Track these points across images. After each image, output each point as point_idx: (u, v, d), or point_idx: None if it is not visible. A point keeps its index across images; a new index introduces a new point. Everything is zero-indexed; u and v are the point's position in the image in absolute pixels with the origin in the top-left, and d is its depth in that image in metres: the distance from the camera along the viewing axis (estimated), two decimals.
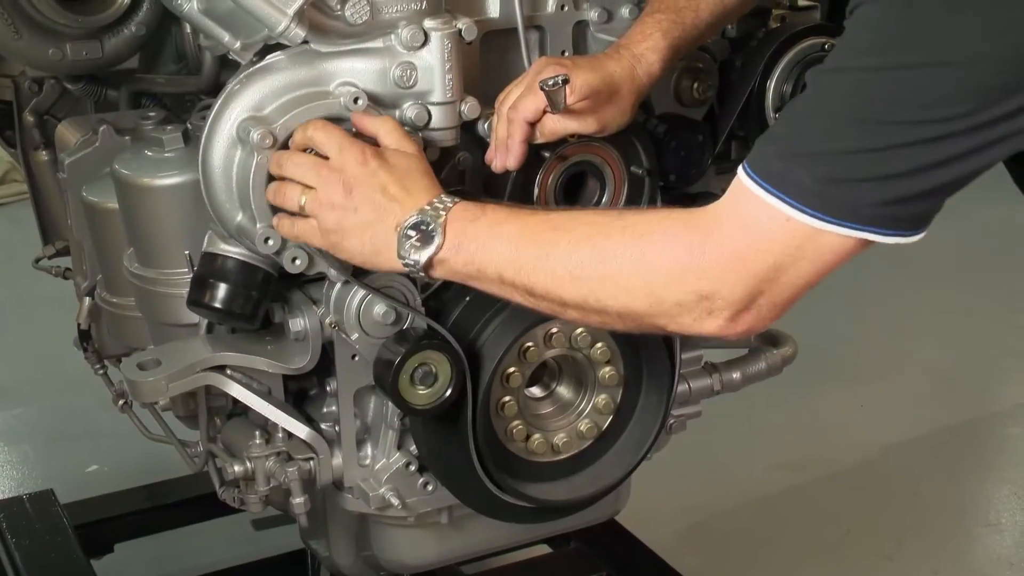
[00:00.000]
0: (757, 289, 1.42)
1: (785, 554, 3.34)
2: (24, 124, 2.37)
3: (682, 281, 1.44)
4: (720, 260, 1.41)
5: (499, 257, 1.58)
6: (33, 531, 2.62)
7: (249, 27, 1.70)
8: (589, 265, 1.51)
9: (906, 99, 1.30)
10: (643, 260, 1.47)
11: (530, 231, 1.57)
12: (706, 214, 1.45)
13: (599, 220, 1.56)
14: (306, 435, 1.92)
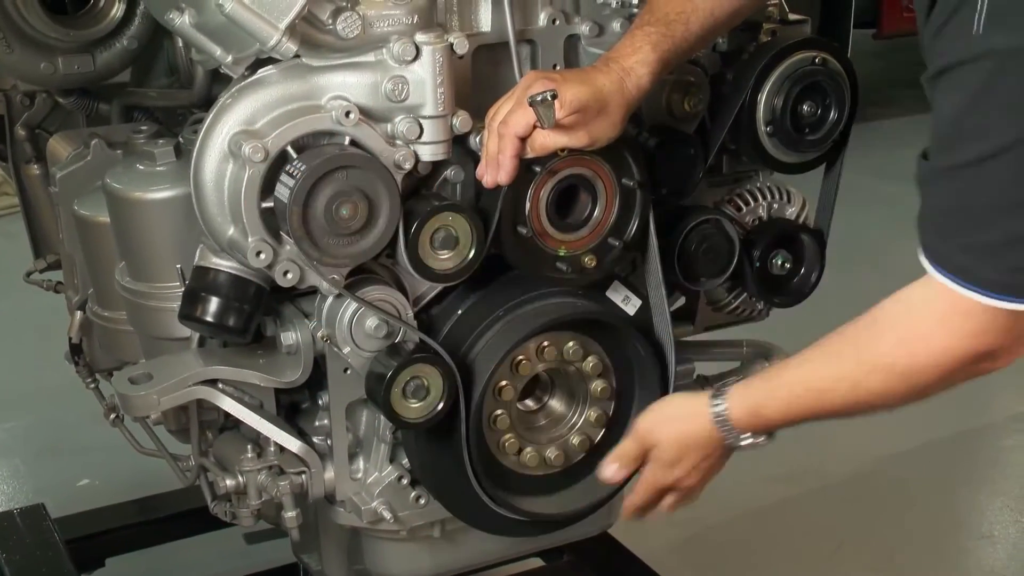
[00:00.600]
0: (1013, 338, 1.49)
1: (778, 566, 3.34)
2: (16, 138, 2.39)
3: (948, 371, 1.54)
4: (967, 341, 1.49)
5: (790, 423, 1.75)
6: (24, 545, 2.61)
7: (241, 41, 1.70)
8: (857, 394, 1.64)
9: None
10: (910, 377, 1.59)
11: (801, 404, 1.71)
12: (927, 317, 1.52)
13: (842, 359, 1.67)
14: (298, 449, 1.92)
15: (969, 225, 1.42)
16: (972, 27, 1.31)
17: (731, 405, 1.76)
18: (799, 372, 1.72)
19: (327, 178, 1.69)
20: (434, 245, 1.82)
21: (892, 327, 1.58)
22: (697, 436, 1.79)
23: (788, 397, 1.72)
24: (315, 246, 1.72)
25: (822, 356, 1.68)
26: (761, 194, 2.16)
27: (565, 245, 1.90)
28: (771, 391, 1.75)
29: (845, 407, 1.67)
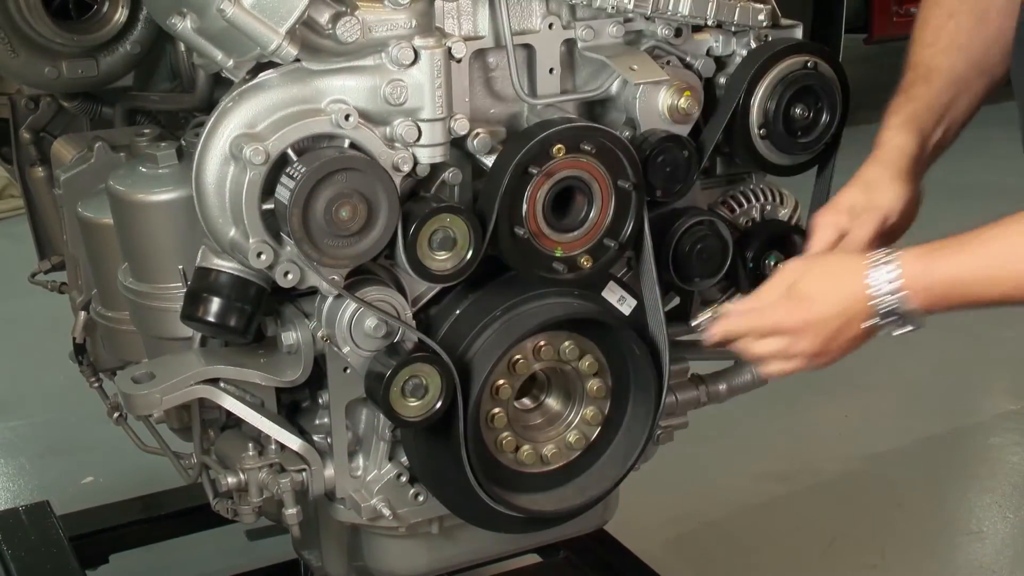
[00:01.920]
0: None
1: (771, 563, 3.35)
2: (21, 141, 2.39)
3: None
4: None
5: (969, 296, 1.64)
6: (29, 542, 2.62)
7: (242, 46, 1.71)
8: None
9: None
10: None
11: (979, 260, 1.62)
12: None
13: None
14: (298, 447, 1.94)
15: None
16: None
17: (902, 256, 1.65)
18: (987, 233, 1.62)
19: (327, 180, 1.71)
20: (432, 246, 1.84)
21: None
22: (851, 285, 1.68)
23: (970, 262, 1.62)
24: (315, 247, 1.74)
25: (1009, 231, 1.60)
26: (754, 196, 2.18)
27: (561, 246, 1.92)
28: (948, 252, 1.63)
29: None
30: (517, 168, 1.83)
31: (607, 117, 2.02)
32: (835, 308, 1.69)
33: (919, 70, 1.87)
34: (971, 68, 1.86)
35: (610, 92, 2.00)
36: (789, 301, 1.73)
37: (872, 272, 1.65)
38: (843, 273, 1.70)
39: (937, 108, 1.86)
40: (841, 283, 1.70)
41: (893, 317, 1.67)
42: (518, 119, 1.96)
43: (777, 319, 1.75)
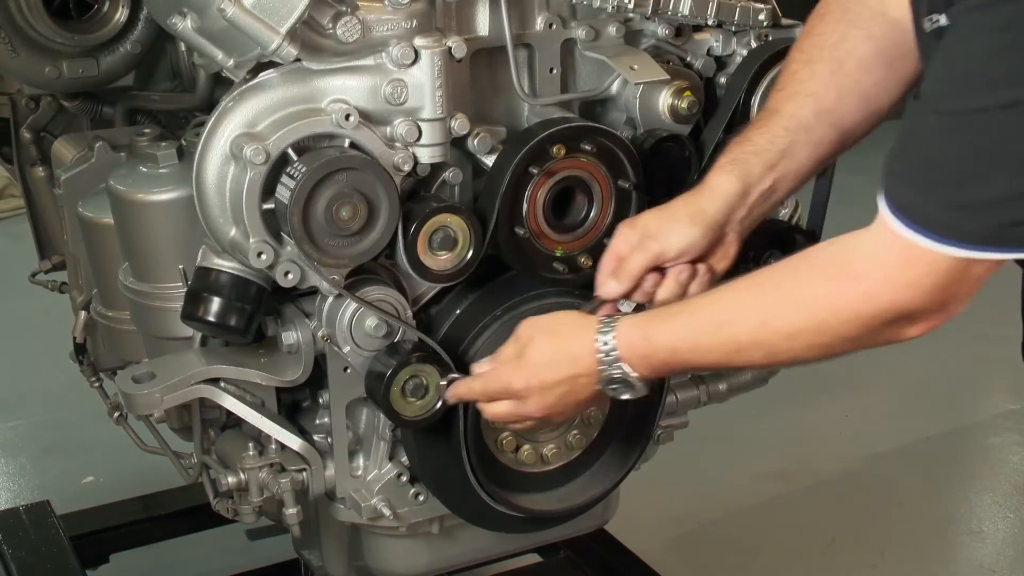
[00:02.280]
0: (939, 300, 1.42)
1: (771, 562, 3.35)
2: (21, 140, 2.39)
3: (867, 320, 1.46)
4: (896, 291, 1.42)
5: (691, 362, 1.64)
6: (29, 542, 2.62)
7: (242, 45, 1.71)
8: (769, 328, 1.53)
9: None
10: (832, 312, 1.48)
11: (704, 331, 1.60)
12: (863, 256, 1.45)
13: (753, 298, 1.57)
14: (299, 446, 1.94)
15: (965, 178, 1.32)
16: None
17: (620, 329, 1.65)
18: (705, 300, 1.63)
19: (327, 180, 1.71)
20: (433, 246, 1.84)
21: (821, 264, 1.50)
22: (574, 353, 1.69)
23: (687, 325, 1.61)
24: (315, 247, 1.74)
25: (735, 288, 1.59)
26: None
27: (562, 246, 1.92)
28: (669, 317, 1.63)
29: (744, 349, 1.56)
30: (517, 168, 1.84)
31: (607, 117, 2.03)
32: (559, 375, 1.70)
33: (765, 112, 1.79)
34: (818, 117, 1.74)
35: (610, 92, 2.01)
36: (517, 364, 1.74)
37: (597, 340, 1.66)
38: (570, 339, 1.71)
39: (768, 154, 1.76)
40: (567, 350, 1.70)
41: (616, 385, 1.67)
42: (518, 119, 1.96)
43: (504, 383, 1.76)
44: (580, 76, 2.00)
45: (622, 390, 1.68)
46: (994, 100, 1.28)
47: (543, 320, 1.78)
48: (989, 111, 1.29)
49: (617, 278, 1.80)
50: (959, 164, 1.33)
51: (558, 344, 1.72)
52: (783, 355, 1.55)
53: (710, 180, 1.78)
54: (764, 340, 1.53)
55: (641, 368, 1.64)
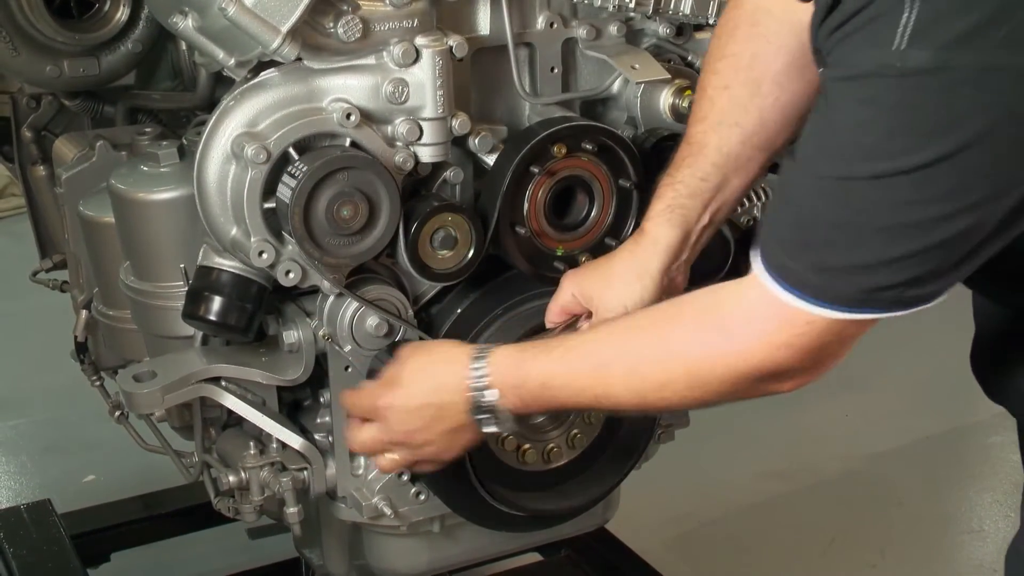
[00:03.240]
0: (811, 360, 1.43)
1: (771, 562, 3.36)
2: (22, 139, 2.39)
3: (739, 375, 1.45)
4: (769, 349, 1.42)
5: (561, 399, 1.60)
6: (30, 541, 2.62)
7: (243, 44, 1.71)
8: (641, 375, 1.52)
9: (922, 197, 1.27)
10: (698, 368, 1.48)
11: (577, 368, 1.58)
12: (737, 312, 1.45)
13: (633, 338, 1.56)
14: (300, 445, 1.94)
15: (834, 243, 1.33)
16: (893, 41, 1.22)
17: (492, 358, 1.63)
18: (583, 338, 1.62)
19: (328, 179, 1.71)
20: (434, 245, 1.84)
21: (696, 314, 1.49)
22: (443, 375, 1.67)
23: (561, 361, 1.59)
24: (316, 246, 1.74)
25: (612, 329, 1.58)
26: (755, 194, 2.17)
27: (563, 245, 1.92)
28: (546, 350, 1.61)
29: (614, 392, 1.55)
30: (518, 167, 1.84)
31: (608, 116, 2.03)
32: (426, 397, 1.69)
33: (690, 147, 1.76)
34: (744, 144, 1.72)
35: (611, 91, 2.01)
36: (387, 383, 1.74)
37: (470, 365, 1.64)
38: (443, 363, 1.69)
39: (703, 193, 1.75)
40: (437, 373, 1.69)
41: (485, 414, 1.65)
42: (519, 118, 1.96)
43: (371, 400, 1.76)
44: (581, 75, 2.00)
45: (489, 421, 1.65)
46: (860, 171, 1.28)
47: (425, 343, 1.79)
48: (855, 180, 1.29)
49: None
50: (829, 229, 1.33)
51: (430, 366, 1.71)
52: (654, 403, 1.54)
53: (651, 233, 1.77)
54: (635, 387, 1.53)
55: (511, 398, 1.62)
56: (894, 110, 1.25)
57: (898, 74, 1.23)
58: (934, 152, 1.24)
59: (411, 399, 1.70)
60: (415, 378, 1.71)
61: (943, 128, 1.23)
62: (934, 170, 1.24)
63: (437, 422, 1.70)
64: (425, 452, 1.74)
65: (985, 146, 1.23)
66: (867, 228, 1.30)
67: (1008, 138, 1.23)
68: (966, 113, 1.22)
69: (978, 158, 1.24)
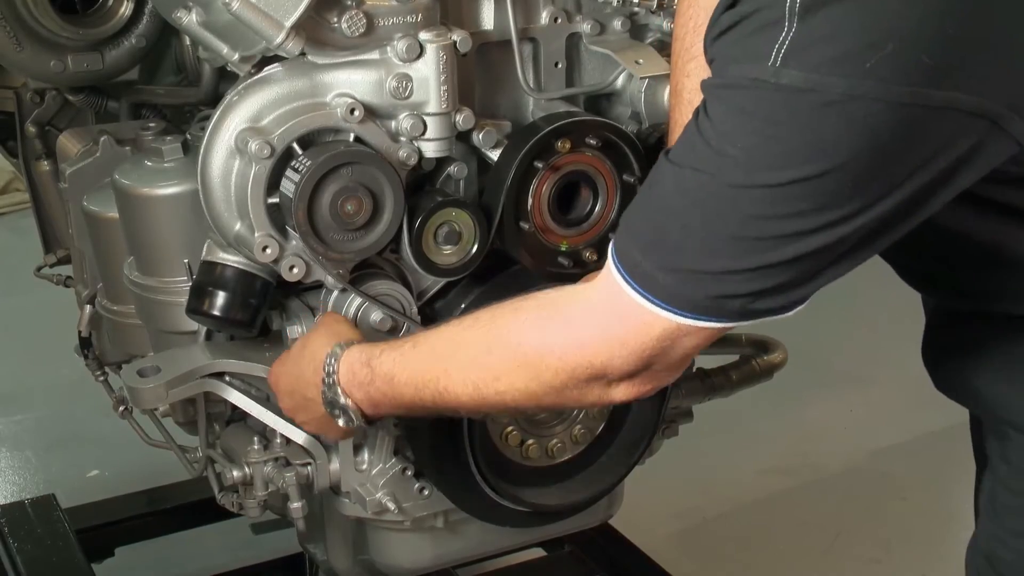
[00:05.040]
0: (646, 363, 1.41)
1: (776, 557, 3.36)
2: (26, 135, 2.39)
3: (572, 368, 1.44)
4: (605, 344, 1.41)
5: (406, 396, 1.60)
6: (35, 535, 2.63)
7: (247, 39, 1.71)
8: (478, 364, 1.52)
9: (778, 213, 1.28)
10: (529, 354, 1.47)
11: (420, 361, 1.58)
12: (580, 303, 1.45)
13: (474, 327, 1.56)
14: (304, 440, 1.93)
15: (687, 246, 1.33)
16: (770, 56, 1.24)
17: (346, 352, 1.65)
18: (431, 332, 1.62)
19: (332, 174, 1.71)
20: (438, 240, 1.84)
21: (539, 306, 1.48)
22: (305, 366, 1.70)
23: (407, 355, 1.59)
24: (320, 241, 1.74)
25: (458, 321, 1.59)
26: None
27: (567, 240, 1.92)
28: (394, 346, 1.62)
29: (453, 386, 1.53)
30: (522, 162, 1.83)
31: (613, 111, 2.03)
32: (290, 386, 1.75)
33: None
34: None
35: (615, 86, 2.01)
36: (284, 355, 1.80)
37: (326, 360, 1.66)
38: (308, 355, 1.72)
39: None
40: (302, 364, 1.72)
41: (336, 411, 1.67)
42: (523, 113, 1.96)
43: (272, 370, 1.81)
44: (585, 70, 2.00)
45: (342, 416, 1.67)
46: (720, 178, 1.28)
47: (325, 318, 1.81)
48: (713, 186, 1.29)
49: None
50: (682, 231, 1.33)
51: (300, 353, 1.74)
52: (490, 399, 1.52)
53: None
54: (471, 378, 1.51)
55: (358, 396, 1.64)
56: (763, 123, 1.26)
57: (771, 89, 1.24)
58: (794, 173, 1.25)
59: (281, 383, 1.78)
60: (288, 365, 1.77)
61: (806, 151, 1.24)
62: (791, 189, 1.26)
63: (304, 410, 1.76)
64: (308, 429, 1.82)
65: (846, 172, 1.24)
66: (719, 236, 1.30)
67: (868, 165, 1.25)
68: (830, 138, 1.24)
69: (836, 183, 1.25)
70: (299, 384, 1.73)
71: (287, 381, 1.77)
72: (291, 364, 1.76)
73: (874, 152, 1.24)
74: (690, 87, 1.69)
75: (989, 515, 1.72)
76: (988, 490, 1.73)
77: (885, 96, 1.22)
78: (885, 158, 1.25)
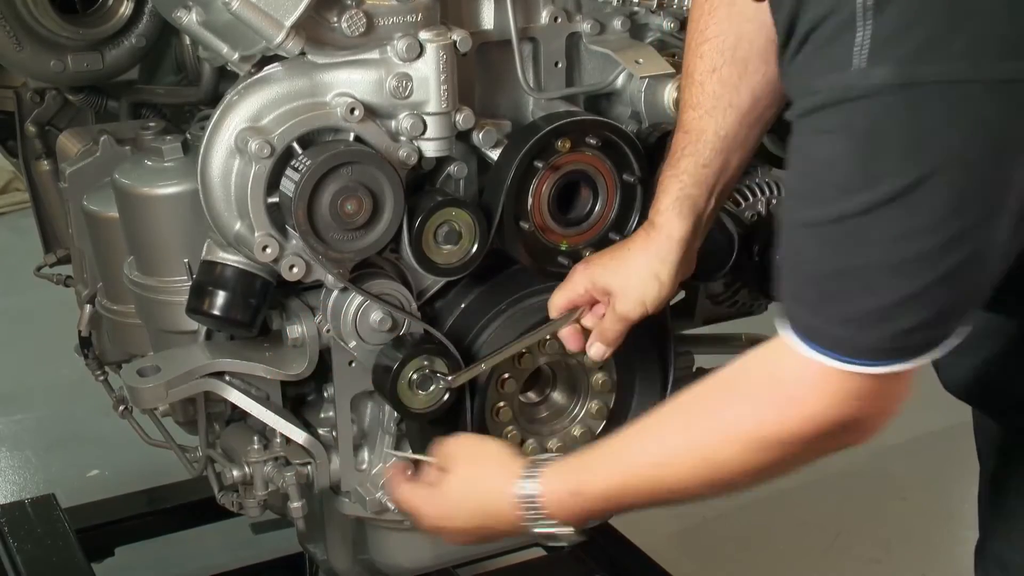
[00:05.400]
0: (861, 413, 1.40)
1: (776, 557, 3.36)
2: (26, 134, 2.40)
3: (804, 440, 1.41)
4: (822, 409, 1.38)
5: (627, 507, 1.58)
6: (35, 535, 2.63)
7: (247, 39, 1.71)
8: (703, 468, 1.47)
9: (914, 227, 1.22)
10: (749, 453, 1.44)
11: (638, 476, 1.53)
12: (787, 387, 1.39)
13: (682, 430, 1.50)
14: (304, 440, 1.94)
15: (847, 291, 1.27)
16: (851, 62, 1.18)
17: (545, 484, 1.58)
18: (635, 438, 1.54)
19: (332, 174, 1.71)
20: (438, 240, 1.84)
21: (754, 392, 1.42)
22: (491, 505, 1.64)
23: (616, 470, 1.53)
24: (320, 241, 1.74)
25: (663, 423, 1.52)
26: (760, 190, 2.17)
27: (567, 240, 1.92)
28: (599, 463, 1.56)
29: (686, 485, 1.48)
30: (522, 162, 1.83)
31: (613, 111, 2.03)
32: (474, 520, 1.68)
33: (688, 135, 1.74)
34: (741, 125, 1.71)
35: (615, 86, 2.01)
36: (432, 493, 1.73)
37: (519, 494, 1.60)
38: (490, 485, 1.66)
39: (707, 179, 1.74)
40: (483, 498, 1.67)
41: (545, 537, 1.63)
42: (523, 113, 1.96)
43: (415, 509, 1.76)
44: (585, 70, 2.00)
45: (556, 541, 1.63)
46: (845, 208, 1.23)
47: (470, 446, 1.76)
48: (844, 220, 1.24)
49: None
50: (837, 278, 1.28)
51: (476, 486, 1.69)
52: (729, 486, 1.49)
53: (663, 227, 1.76)
54: (706, 478, 1.47)
55: (572, 520, 1.60)
56: (864, 136, 1.20)
57: (862, 95, 1.19)
58: (914, 174, 1.19)
59: (457, 522, 1.71)
60: (459, 497, 1.70)
61: (917, 148, 1.19)
62: (919, 193, 1.20)
63: (491, 534, 1.69)
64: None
65: (965, 161, 1.19)
66: (871, 268, 1.25)
67: (985, 149, 1.19)
68: (937, 129, 1.18)
69: (961, 174, 1.19)
70: (487, 519, 1.66)
71: (464, 524, 1.70)
72: (467, 504, 1.69)
73: (986, 134, 1.18)
74: (702, 68, 1.69)
75: (999, 519, 1.70)
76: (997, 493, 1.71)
77: (982, 76, 1.16)
78: (997, 142, 1.19)
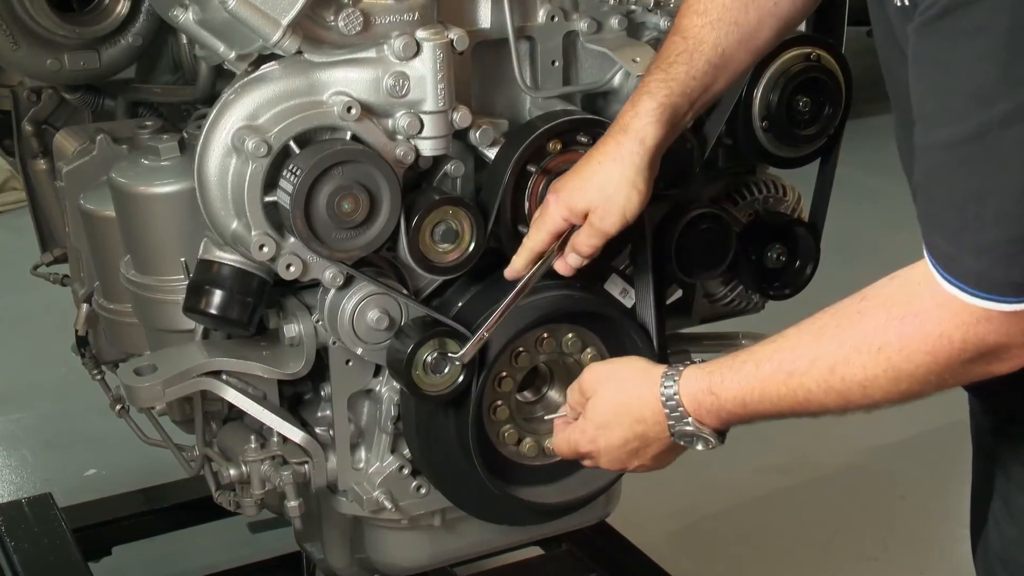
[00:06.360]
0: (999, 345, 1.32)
1: (774, 555, 3.36)
2: (23, 133, 2.40)
3: (943, 361, 1.34)
4: (980, 335, 1.31)
5: (761, 412, 1.53)
6: (32, 534, 2.63)
7: (244, 38, 1.71)
8: (839, 376, 1.43)
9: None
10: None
11: (772, 382, 1.49)
12: (921, 313, 1.34)
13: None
14: (301, 439, 1.94)
15: (983, 219, 1.20)
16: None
17: (683, 384, 1.57)
18: (770, 348, 1.50)
19: (329, 173, 1.71)
20: (435, 238, 1.84)
21: (884, 305, 1.37)
22: (638, 410, 1.62)
23: (753, 376, 1.50)
24: (317, 240, 1.74)
25: (799, 334, 1.48)
26: (757, 188, 2.18)
27: None
28: (734, 368, 1.53)
29: (815, 397, 1.45)
30: (519, 161, 1.83)
31: (609, 109, 2.03)
32: (625, 434, 1.65)
33: (686, 42, 1.70)
34: (739, 46, 1.70)
35: (612, 84, 2.01)
36: (582, 425, 1.70)
37: (662, 396, 1.58)
38: (633, 395, 1.64)
39: (693, 92, 1.71)
40: (630, 407, 1.64)
41: (688, 439, 1.60)
42: (520, 111, 1.96)
43: (573, 446, 1.73)
44: (582, 69, 2.00)
45: (696, 442, 1.60)
46: (986, 118, 1.16)
47: (605, 369, 1.73)
48: (984, 134, 1.17)
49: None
50: (975, 202, 1.21)
51: (621, 401, 1.66)
52: (859, 402, 1.44)
53: (639, 132, 1.72)
54: (836, 389, 1.43)
55: (711, 421, 1.57)
56: (1005, 35, 1.12)
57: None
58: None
59: (613, 439, 1.66)
60: (608, 416, 1.67)
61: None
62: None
63: (645, 450, 1.66)
64: (641, 470, 1.72)
65: None
66: (1009, 192, 1.17)
67: None
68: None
69: None
70: (638, 429, 1.63)
71: (618, 436, 1.66)
72: (616, 420, 1.66)
73: None
74: (699, 24, 1.70)
75: (1004, 519, 1.69)
76: (1000, 493, 1.70)
77: None
78: None
